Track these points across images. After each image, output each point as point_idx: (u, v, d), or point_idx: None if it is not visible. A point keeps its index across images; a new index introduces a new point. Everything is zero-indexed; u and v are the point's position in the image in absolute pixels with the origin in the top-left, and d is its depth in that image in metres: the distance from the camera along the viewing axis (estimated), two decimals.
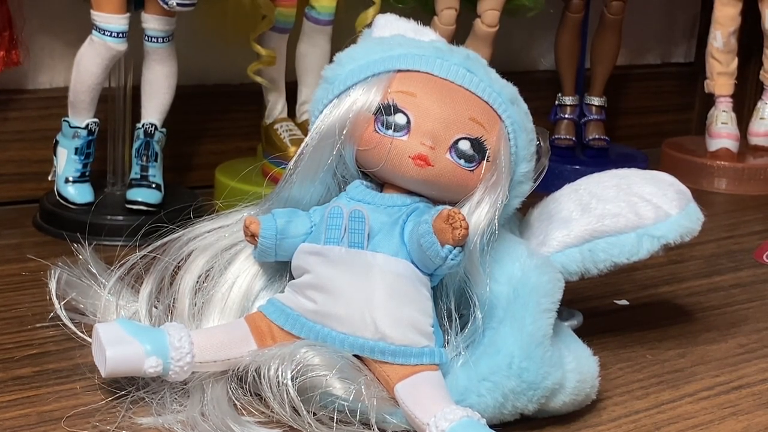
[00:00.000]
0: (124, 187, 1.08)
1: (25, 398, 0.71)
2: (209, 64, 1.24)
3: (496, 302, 0.71)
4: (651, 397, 0.77)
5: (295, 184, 0.75)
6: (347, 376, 0.68)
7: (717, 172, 1.39)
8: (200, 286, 0.76)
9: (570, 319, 0.84)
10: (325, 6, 1.12)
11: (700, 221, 0.81)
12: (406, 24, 0.78)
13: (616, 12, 1.38)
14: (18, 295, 0.88)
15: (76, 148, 1.05)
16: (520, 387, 0.68)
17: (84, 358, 0.76)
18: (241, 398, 0.70)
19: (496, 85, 0.74)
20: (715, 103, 1.44)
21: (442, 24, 1.17)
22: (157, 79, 1.06)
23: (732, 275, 1.06)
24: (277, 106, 1.17)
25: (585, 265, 0.79)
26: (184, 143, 1.22)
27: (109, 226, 1.01)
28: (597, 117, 1.42)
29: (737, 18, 1.40)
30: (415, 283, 0.70)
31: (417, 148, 0.72)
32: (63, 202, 1.06)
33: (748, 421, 0.75)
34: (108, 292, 0.80)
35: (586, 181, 0.84)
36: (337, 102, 0.74)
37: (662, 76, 1.64)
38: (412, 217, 0.72)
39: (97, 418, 0.68)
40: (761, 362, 0.85)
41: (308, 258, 0.72)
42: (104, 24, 1.00)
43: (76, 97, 1.04)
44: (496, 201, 0.72)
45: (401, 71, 0.73)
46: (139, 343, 0.68)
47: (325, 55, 1.14)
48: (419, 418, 0.66)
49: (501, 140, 0.73)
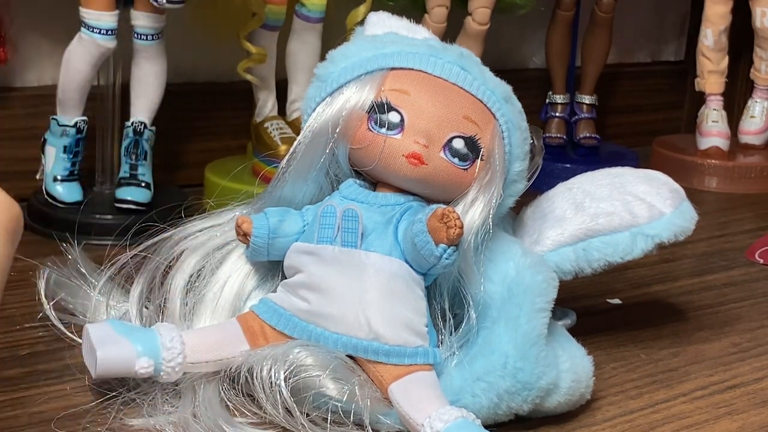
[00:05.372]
0: (113, 185, 1.08)
1: (14, 399, 0.70)
2: (199, 61, 1.24)
3: (490, 302, 0.71)
4: (645, 396, 0.77)
5: (288, 182, 0.75)
6: (341, 376, 0.67)
7: (708, 170, 1.39)
8: (191, 286, 0.76)
9: (563, 318, 0.83)
10: (315, 3, 1.12)
11: (694, 220, 0.81)
12: (398, 22, 0.78)
13: (607, 10, 1.38)
14: (6, 295, 0.86)
15: (65, 147, 1.04)
16: (514, 387, 0.68)
17: (74, 358, 0.75)
18: (233, 399, 0.70)
19: (490, 83, 0.74)
20: (706, 102, 1.43)
21: (433, 22, 1.16)
22: (146, 76, 1.05)
23: (724, 274, 1.06)
24: (267, 105, 1.16)
25: (579, 264, 0.79)
26: (173, 141, 1.21)
27: (99, 226, 1.00)
28: (588, 115, 1.42)
29: (728, 16, 1.39)
30: (409, 282, 0.70)
31: (411, 147, 0.71)
32: (51, 200, 1.05)
33: (743, 420, 0.74)
34: (98, 292, 0.79)
35: (580, 179, 0.83)
36: (329, 100, 0.73)
37: (652, 75, 1.64)
38: (406, 216, 0.71)
39: (87, 420, 0.68)
40: (755, 361, 0.85)
41: (301, 257, 0.72)
42: (93, 21, 1.00)
43: (65, 95, 1.03)
44: (490, 200, 0.71)
45: (394, 69, 0.73)
46: (130, 344, 0.68)
47: (315, 52, 1.13)
48: (414, 419, 0.65)
49: (495, 139, 0.73)
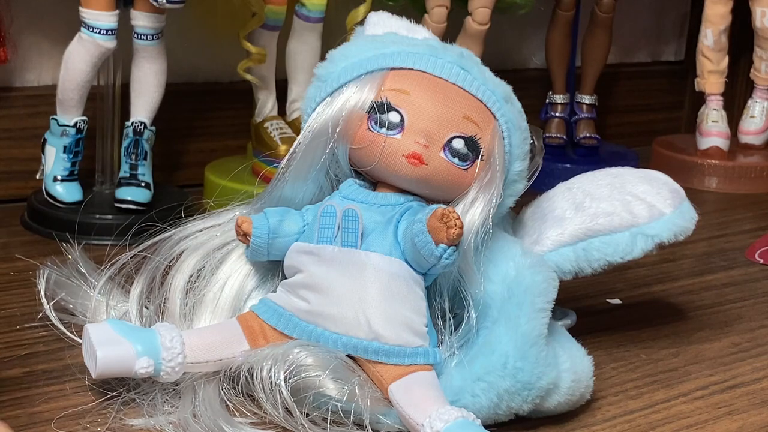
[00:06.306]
0: (113, 185, 1.08)
1: (14, 399, 0.70)
2: (199, 61, 1.24)
3: (490, 302, 0.71)
4: (645, 396, 0.77)
5: (288, 182, 0.75)
6: (341, 376, 0.67)
7: (707, 170, 1.39)
8: (191, 286, 0.76)
9: (563, 318, 0.83)
10: (315, 3, 1.11)
11: (694, 220, 0.81)
12: (398, 22, 0.78)
13: (607, 10, 1.38)
14: (6, 295, 0.88)
15: (65, 147, 1.04)
16: (514, 387, 0.68)
17: (74, 358, 0.75)
18: (233, 399, 0.70)
19: (490, 83, 0.74)
20: (706, 102, 1.43)
21: (433, 22, 1.16)
22: (146, 76, 1.05)
23: (724, 274, 1.06)
24: (267, 104, 1.16)
25: (579, 264, 0.79)
26: (173, 141, 1.21)
27: (99, 226, 1.00)
28: (588, 115, 1.42)
29: (728, 16, 1.39)
30: (409, 282, 0.70)
31: (411, 147, 0.71)
32: (51, 200, 1.05)
33: (743, 420, 0.74)
34: (98, 292, 0.79)
35: (580, 179, 0.83)
36: (330, 100, 0.73)
37: (652, 75, 1.64)
38: (406, 216, 0.71)
39: (87, 420, 0.67)
40: (755, 361, 0.85)
41: (301, 257, 0.72)
42: (93, 21, 1.00)
43: (65, 95, 1.03)
44: (490, 200, 0.71)
45: (395, 69, 0.73)
46: (130, 344, 0.68)
47: (315, 52, 1.13)
48: (414, 419, 0.65)
49: (495, 139, 0.73)
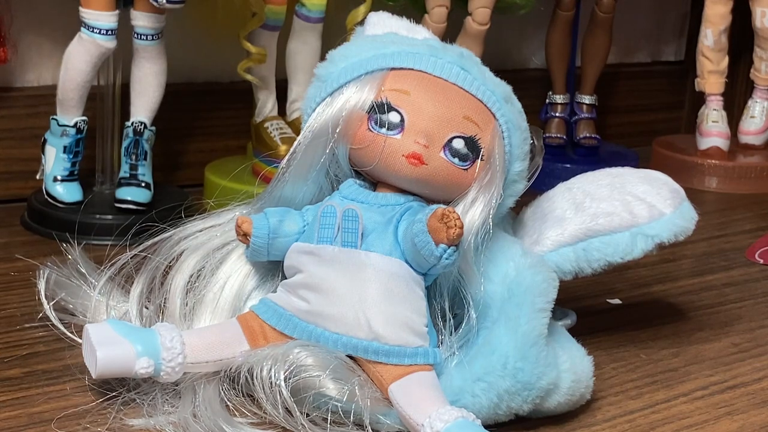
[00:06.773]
0: (113, 185, 1.08)
1: (14, 399, 0.70)
2: (199, 62, 1.23)
3: (490, 302, 0.71)
4: (645, 396, 0.77)
5: (288, 183, 0.75)
6: (341, 376, 0.67)
7: (708, 170, 1.39)
8: (191, 286, 0.76)
9: (563, 318, 0.83)
10: (315, 3, 1.11)
11: (694, 220, 0.81)
12: (398, 22, 0.78)
13: (607, 10, 1.38)
14: (6, 295, 0.88)
15: (65, 147, 1.04)
16: (514, 387, 0.68)
17: (74, 358, 0.75)
18: (233, 399, 0.70)
19: (490, 83, 0.74)
20: (706, 102, 1.43)
21: (433, 22, 1.16)
22: (146, 76, 1.05)
23: (724, 274, 1.06)
24: (267, 105, 1.16)
25: (579, 265, 0.79)
26: (173, 142, 1.21)
27: (99, 226, 1.00)
28: (588, 115, 1.42)
29: (728, 16, 1.39)
30: (409, 282, 0.70)
31: (411, 147, 0.71)
32: (51, 201, 1.05)
33: (743, 420, 0.74)
34: (98, 292, 0.79)
35: (580, 179, 0.83)
36: (329, 100, 0.73)
37: (652, 75, 1.64)
38: (406, 216, 0.71)
39: (87, 420, 0.67)
40: (755, 361, 0.85)
41: (301, 257, 0.72)
42: (93, 21, 1.00)
43: (65, 95, 1.03)
44: (490, 200, 0.71)
45: (395, 69, 0.73)
46: (130, 344, 0.68)
47: (315, 52, 1.13)
48: (414, 419, 0.65)
49: (495, 139, 0.73)
